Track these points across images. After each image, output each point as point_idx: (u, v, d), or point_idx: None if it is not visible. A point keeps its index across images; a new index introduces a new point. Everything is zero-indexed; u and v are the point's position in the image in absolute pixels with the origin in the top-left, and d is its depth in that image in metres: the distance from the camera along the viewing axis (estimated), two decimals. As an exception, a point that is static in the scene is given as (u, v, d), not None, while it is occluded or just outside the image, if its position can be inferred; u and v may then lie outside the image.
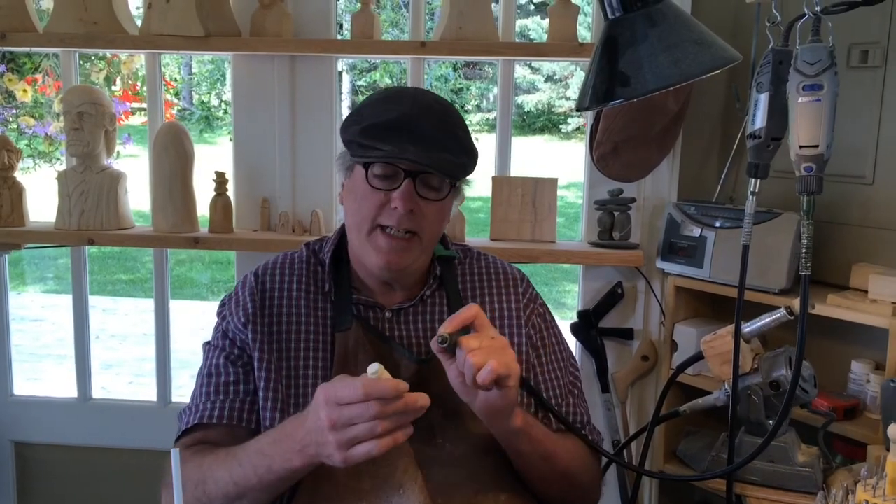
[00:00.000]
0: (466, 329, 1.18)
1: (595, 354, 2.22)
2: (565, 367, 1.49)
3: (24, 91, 4.44)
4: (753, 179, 1.40)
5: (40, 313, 6.47)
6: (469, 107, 13.57)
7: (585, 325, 2.21)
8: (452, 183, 1.33)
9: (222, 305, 1.45)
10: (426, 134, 1.26)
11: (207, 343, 1.45)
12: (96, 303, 6.40)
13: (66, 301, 2.42)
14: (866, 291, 1.74)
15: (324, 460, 1.14)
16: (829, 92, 1.17)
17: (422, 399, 1.11)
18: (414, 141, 1.25)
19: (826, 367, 1.81)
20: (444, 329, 1.16)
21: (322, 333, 1.37)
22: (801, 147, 1.18)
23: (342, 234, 1.44)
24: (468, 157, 1.32)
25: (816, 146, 1.17)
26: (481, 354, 1.14)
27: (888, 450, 1.27)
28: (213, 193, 2.19)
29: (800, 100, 1.18)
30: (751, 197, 1.42)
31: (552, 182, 2.18)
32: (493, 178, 2.18)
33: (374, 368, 1.09)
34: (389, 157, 1.25)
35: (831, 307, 1.73)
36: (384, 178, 1.28)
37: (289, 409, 1.32)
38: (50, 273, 7.38)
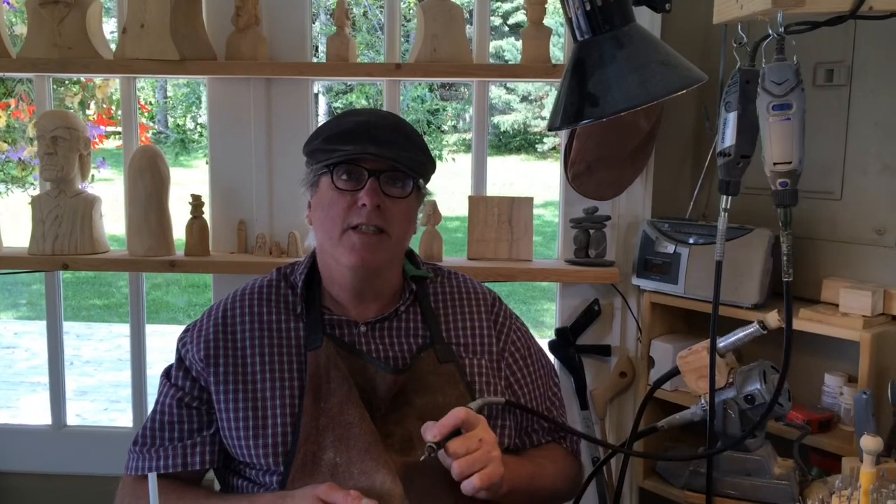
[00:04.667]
0: (456, 432, 1.22)
1: (573, 372, 2.23)
2: (546, 383, 1.52)
3: None
4: (725, 196, 1.43)
5: (13, 340, 6.38)
6: (445, 127, 13.64)
7: (563, 343, 2.23)
8: (415, 183, 1.38)
9: (185, 331, 1.47)
10: (384, 137, 1.34)
11: (168, 370, 1.45)
12: (70, 328, 6.31)
13: (40, 327, 2.39)
14: (837, 305, 1.77)
15: None
16: (797, 110, 1.20)
17: None
18: (373, 142, 1.33)
19: (800, 381, 1.84)
20: (433, 437, 1.21)
21: (295, 354, 1.38)
22: (774, 164, 1.21)
23: (313, 257, 1.46)
24: (425, 157, 1.40)
25: (790, 162, 1.20)
26: (466, 464, 1.21)
27: (861, 461, 1.29)
28: (189, 217, 2.19)
29: (770, 119, 1.20)
30: (722, 213, 1.44)
31: (528, 201, 2.20)
32: (470, 198, 2.20)
33: None
34: (352, 154, 1.32)
35: (804, 321, 1.76)
36: (349, 179, 1.34)
37: (259, 433, 1.33)
38: (23, 299, 7.28)
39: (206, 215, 2.22)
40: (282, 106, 2.21)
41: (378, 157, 1.31)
